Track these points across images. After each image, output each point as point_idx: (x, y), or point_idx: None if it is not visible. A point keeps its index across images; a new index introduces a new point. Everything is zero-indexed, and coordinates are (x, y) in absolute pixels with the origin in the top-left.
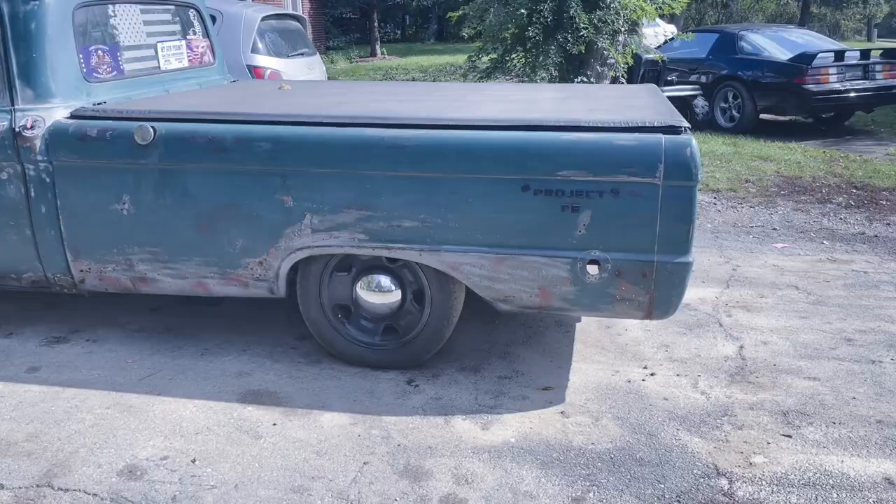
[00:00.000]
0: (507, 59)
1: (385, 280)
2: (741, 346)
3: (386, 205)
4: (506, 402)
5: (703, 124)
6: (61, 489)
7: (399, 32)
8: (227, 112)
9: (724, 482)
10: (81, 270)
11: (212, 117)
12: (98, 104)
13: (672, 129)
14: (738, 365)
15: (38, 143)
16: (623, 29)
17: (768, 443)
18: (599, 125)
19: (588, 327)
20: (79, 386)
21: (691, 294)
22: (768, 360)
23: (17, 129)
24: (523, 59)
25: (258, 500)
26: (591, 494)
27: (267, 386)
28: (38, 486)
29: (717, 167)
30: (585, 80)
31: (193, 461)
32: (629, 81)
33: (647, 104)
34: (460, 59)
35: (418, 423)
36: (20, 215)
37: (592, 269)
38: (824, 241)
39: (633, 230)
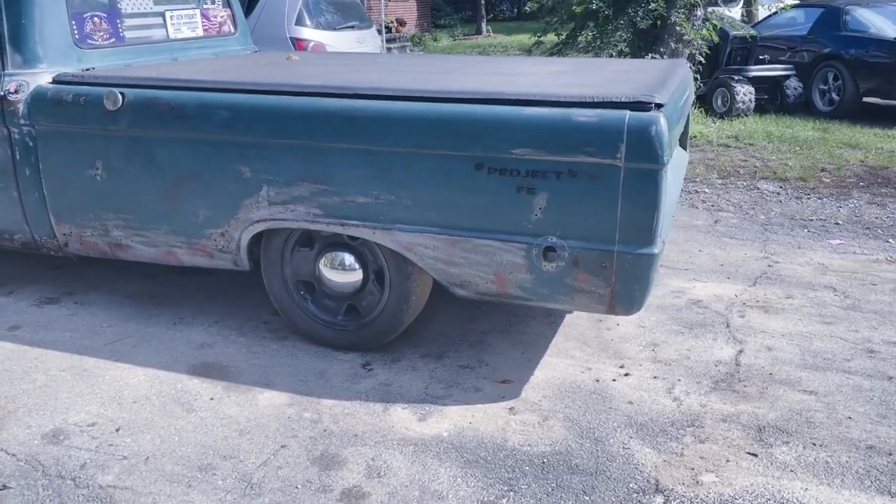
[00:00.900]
0: (578, 34)
1: (347, 258)
2: (740, 351)
3: (340, 179)
4: (456, 394)
5: (796, 108)
6: None
7: (515, 11)
8: (190, 79)
9: (658, 500)
10: (64, 234)
11: (175, 84)
12: (86, 70)
13: (639, 106)
14: (728, 371)
15: (21, 107)
16: (701, 3)
17: (727, 460)
18: (560, 99)
19: (577, 319)
20: (47, 346)
21: (708, 290)
22: (766, 367)
23: (2, 94)
24: (593, 35)
25: (161, 476)
26: (504, 501)
27: (222, 359)
28: None
29: (794, 154)
30: (658, 57)
31: (118, 430)
32: (715, 60)
33: (648, 79)
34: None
35: (355, 409)
36: (8, 178)
37: (549, 257)
38: (890, 240)
39: (591, 216)
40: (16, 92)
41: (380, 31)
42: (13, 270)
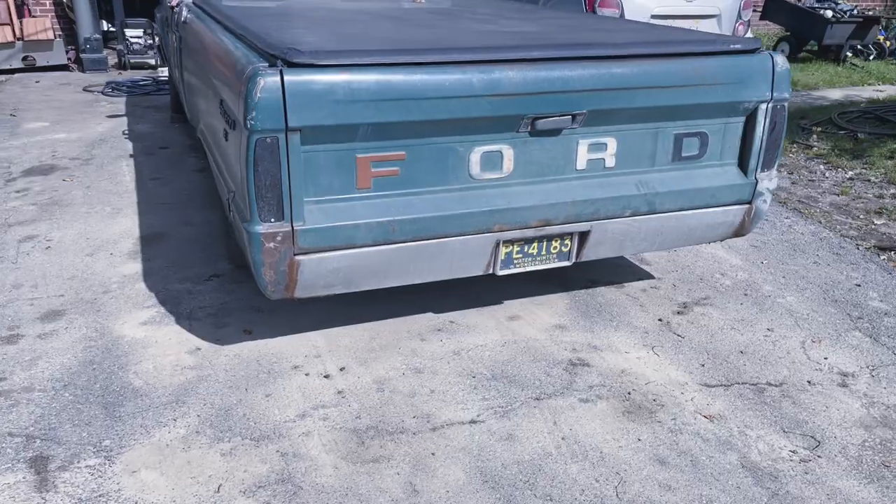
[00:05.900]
0: None
1: None
2: (473, 421)
3: (203, 102)
4: (202, 321)
5: None
6: None
7: None
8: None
9: None
10: (192, 118)
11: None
12: None
13: (274, 59)
14: (353, 425)
15: (177, 17)
16: None
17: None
18: (253, 42)
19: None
20: (140, 191)
21: (660, 374)
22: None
23: (172, 5)
24: None
25: (22, 296)
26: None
27: (170, 234)
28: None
29: None
30: None
31: (47, 248)
32: None
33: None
34: None
35: (153, 299)
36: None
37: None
38: None
39: (237, 177)
40: (176, 6)
41: None
42: None
